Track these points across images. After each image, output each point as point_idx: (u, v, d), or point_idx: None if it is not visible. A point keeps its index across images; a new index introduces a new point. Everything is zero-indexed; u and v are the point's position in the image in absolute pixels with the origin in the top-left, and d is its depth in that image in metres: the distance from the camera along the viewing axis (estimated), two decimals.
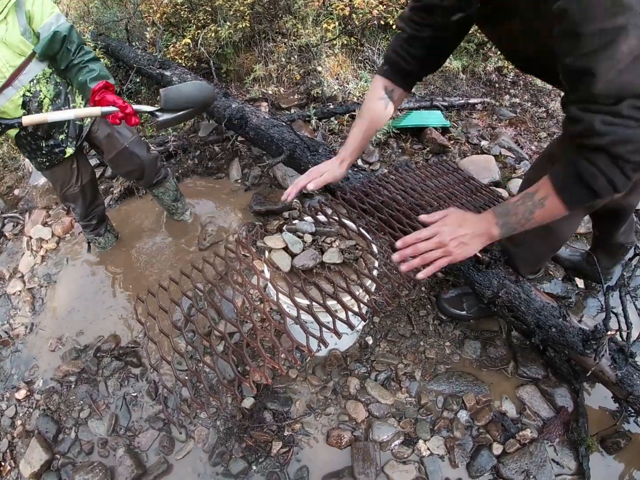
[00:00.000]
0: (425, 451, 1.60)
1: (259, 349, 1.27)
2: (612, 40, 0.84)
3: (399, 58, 1.36)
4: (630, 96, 0.90)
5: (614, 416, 1.66)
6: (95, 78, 1.77)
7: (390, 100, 1.41)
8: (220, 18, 3.49)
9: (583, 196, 1.06)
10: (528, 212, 1.12)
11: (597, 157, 0.99)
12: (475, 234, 1.16)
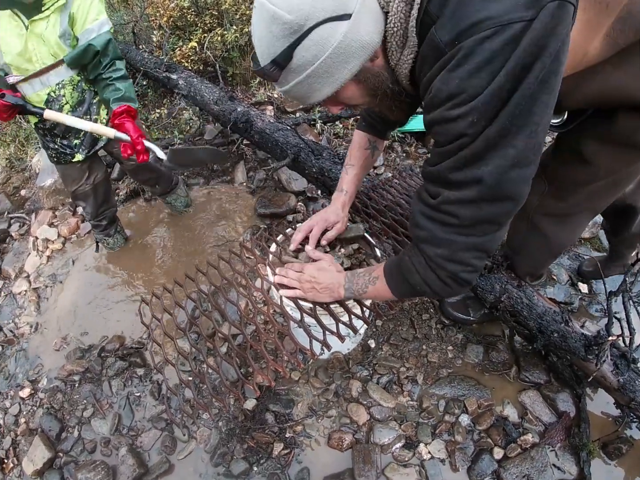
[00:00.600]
0: (426, 455, 1.61)
1: (262, 351, 1.28)
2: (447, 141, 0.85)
3: (371, 119, 1.45)
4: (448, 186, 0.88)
5: (616, 422, 1.66)
6: (118, 99, 1.81)
7: (375, 149, 1.51)
8: (227, 22, 3.51)
9: (405, 288, 1.11)
10: (364, 285, 1.23)
11: (414, 254, 1.02)
12: (325, 287, 1.31)
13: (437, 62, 0.80)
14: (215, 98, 2.84)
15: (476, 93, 0.76)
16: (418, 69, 0.88)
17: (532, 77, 0.74)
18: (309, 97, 0.92)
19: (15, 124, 3.67)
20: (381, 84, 0.93)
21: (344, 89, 0.90)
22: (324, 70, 0.84)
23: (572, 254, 2.27)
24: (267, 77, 0.88)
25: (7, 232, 2.87)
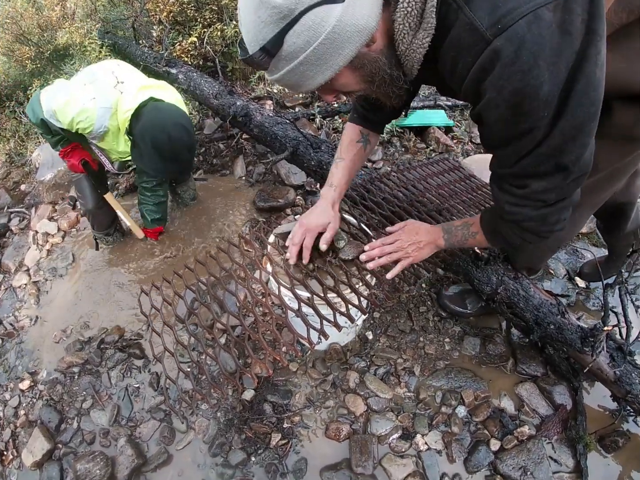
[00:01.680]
0: (423, 445, 1.61)
1: (261, 341, 1.29)
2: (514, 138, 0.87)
3: (364, 110, 1.42)
4: (534, 178, 0.93)
5: (613, 415, 1.66)
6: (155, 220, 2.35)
7: (367, 143, 1.47)
8: (226, 17, 3.52)
9: (504, 243, 1.19)
10: (464, 238, 1.29)
11: (509, 222, 1.08)
12: (427, 241, 1.35)
13: (477, 48, 0.76)
14: (214, 92, 2.85)
15: (539, 83, 0.75)
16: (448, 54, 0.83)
17: (591, 64, 0.74)
18: (301, 85, 0.88)
19: (15, 119, 3.68)
20: (379, 69, 0.89)
21: (339, 76, 0.86)
22: (317, 57, 0.80)
23: (569, 249, 2.28)
24: (256, 65, 0.84)
25: (7, 227, 2.88)
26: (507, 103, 0.79)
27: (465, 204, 1.88)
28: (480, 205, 1.90)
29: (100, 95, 1.83)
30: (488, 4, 0.74)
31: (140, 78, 1.99)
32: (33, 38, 3.86)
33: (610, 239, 1.99)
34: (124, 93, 1.85)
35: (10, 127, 3.70)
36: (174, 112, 1.82)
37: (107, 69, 1.95)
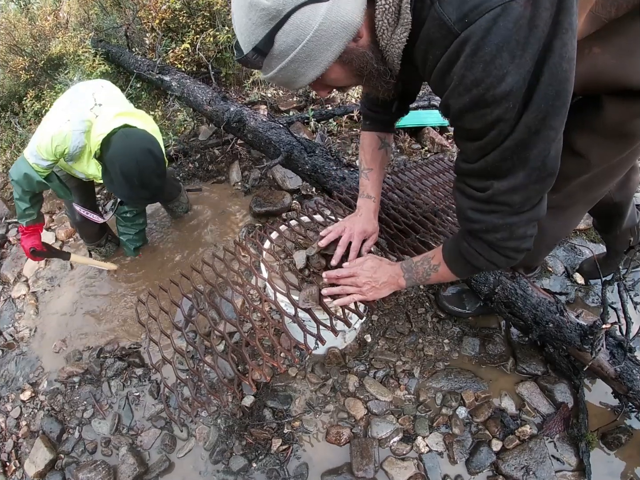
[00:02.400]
0: (424, 448, 1.61)
1: (259, 347, 1.29)
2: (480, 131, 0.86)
3: (373, 113, 1.44)
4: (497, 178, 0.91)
5: (615, 412, 1.66)
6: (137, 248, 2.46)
7: (387, 146, 1.49)
8: (219, 23, 3.53)
9: (469, 270, 1.16)
10: (426, 274, 1.26)
11: (473, 240, 1.06)
12: (385, 281, 1.33)
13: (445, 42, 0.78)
14: (208, 98, 2.85)
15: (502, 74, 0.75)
16: (419, 48, 0.86)
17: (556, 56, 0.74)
18: (294, 82, 0.91)
19: (10, 130, 3.69)
20: (366, 63, 0.91)
21: (329, 71, 0.89)
22: (307, 54, 0.83)
23: (567, 246, 2.27)
24: (250, 65, 0.87)
25: (5, 238, 2.88)
26: (469, 93, 0.80)
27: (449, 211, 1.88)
28: None
29: (75, 116, 1.85)
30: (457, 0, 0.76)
31: (120, 104, 2.00)
32: (27, 48, 3.88)
33: (607, 237, 1.99)
34: (99, 117, 1.86)
35: (6, 137, 3.70)
36: (142, 139, 1.81)
37: (89, 90, 1.96)
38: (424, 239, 1.62)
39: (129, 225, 2.37)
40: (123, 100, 2.08)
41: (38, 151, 1.85)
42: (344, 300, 1.34)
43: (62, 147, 1.84)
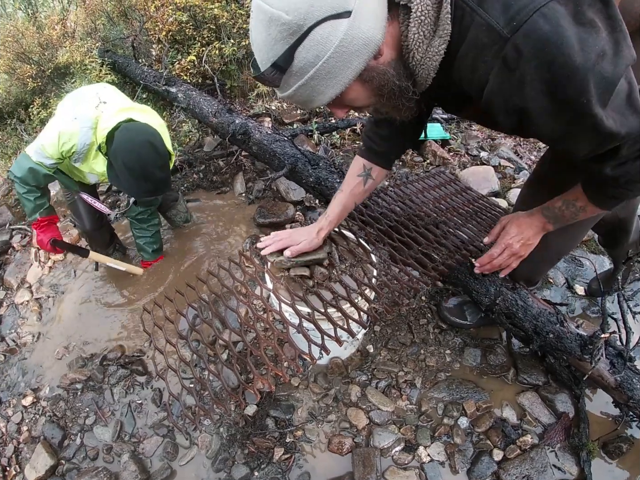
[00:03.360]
0: (426, 457, 1.62)
1: (263, 357, 1.30)
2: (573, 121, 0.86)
3: (371, 141, 1.43)
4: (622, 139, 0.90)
5: (616, 421, 1.68)
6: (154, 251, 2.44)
7: (369, 178, 1.48)
8: (224, 35, 3.58)
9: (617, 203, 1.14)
10: (574, 215, 1.23)
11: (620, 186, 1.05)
12: (534, 233, 1.35)
13: (495, 47, 0.78)
14: (213, 110, 2.89)
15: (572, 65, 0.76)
16: (466, 56, 0.84)
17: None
18: (312, 100, 0.89)
19: (16, 137, 3.72)
20: (387, 81, 0.89)
21: (349, 90, 0.87)
22: (327, 71, 0.82)
23: (568, 257, 2.30)
24: (267, 82, 0.86)
25: (9, 244, 2.90)
26: (544, 90, 0.80)
27: (462, 217, 1.91)
28: (477, 217, 1.93)
29: (81, 115, 1.89)
30: (499, 4, 0.77)
31: (124, 101, 2.04)
32: (34, 56, 3.92)
33: (614, 253, 2.00)
34: (104, 112, 1.90)
35: (11, 144, 3.74)
36: (143, 132, 1.85)
37: (92, 91, 2.01)
38: (426, 250, 1.65)
39: (144, 227, 2.36)
40: (125, 98, 2.11)
41: (43, 149, 1.88)
42: (508, 270, 1.46)
43: (68, 144, 1.87)
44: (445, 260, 1.59)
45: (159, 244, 2.46)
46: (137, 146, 1.80)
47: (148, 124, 1.89)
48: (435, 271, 1.54)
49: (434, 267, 1.55)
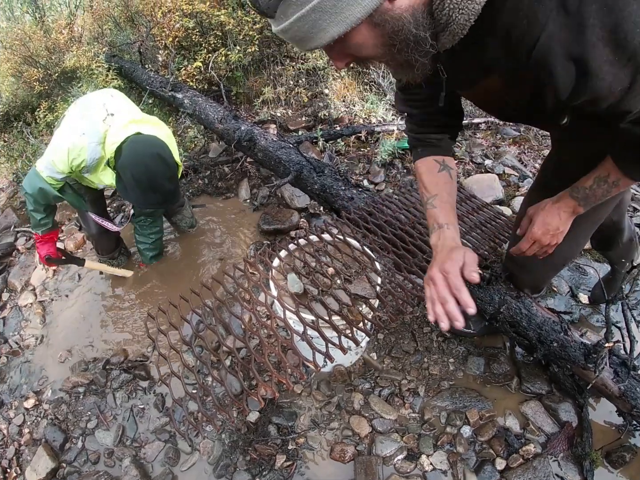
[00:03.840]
0: (428, 466, 1.61)
1: (267, 363, 1.30)
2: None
3: (425, 137, 1.30)
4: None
5: (619, 430, 1.66)
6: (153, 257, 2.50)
7: (450, 169, 1.30)
8: (230, 42, 3.61)
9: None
10: (606, 192, 1.14)
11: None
12: (564, 220, 1.25)
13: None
14: (219, 117, 2.91)
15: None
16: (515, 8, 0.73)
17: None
18: (311, 38, 0.77)
19: (22, 140, 3.75)
20: (401, 28, 0.76)
21: (355, 32, 0.75)
22: (333, 4, 0.70)
23: (572, 265, 2.30)
24: (262, 9, 0.74)
25: (14, 246, 2.92)
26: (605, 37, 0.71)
27: (466, 225, 1.91)
28: (482, 226, 1.93)
29: (90, 129, 1.90)
30: None
31: (132, 112, 2.04)
32: (41, 60, 3.96)
33: (610, 254, 2.00)
34: (112, 126, 1.90)
35: (17, 147, 3.76)
36: (151, 144, 1.85)
37: (99, 101, 2.01)
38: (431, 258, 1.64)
39: (145, 234, 2.40)
40: (133, 107, 2.12)
41: (53, 165, 1.90)
42: (545, 255, 1.36)
43: (78, 160, 1.89)
44: None
45: (157, 251, 2.49)
46: (145, 158, 1.81)
47: (156, 136, 1.90)
48: None
49: None
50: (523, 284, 1.73)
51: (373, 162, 3.05)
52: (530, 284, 1.75)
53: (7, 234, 3.01)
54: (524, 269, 1.67)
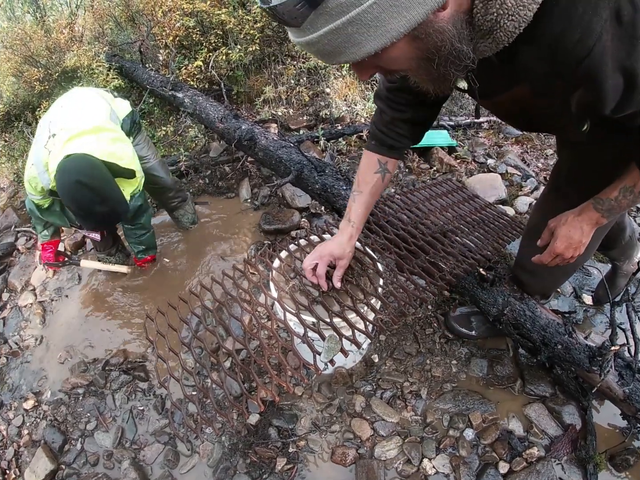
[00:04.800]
0: (431, 469, 1.59)
1: (266, 366, 1.28)
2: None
3: (385, 136, 1.34)
4: None
5: (623, 433, 1.65)
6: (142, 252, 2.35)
7: (386, 172, 1.40)
8: (231, 41, 3.59)
9: None
10: (631, 202, 1.12)
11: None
12: (587, 232, 1.22)
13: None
14: (220, 116, 2.89)
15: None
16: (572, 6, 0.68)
17: None
18: (342, 52, 0.68)
19: (23, 139, 3.74)
20: (444, 42, 0.70)
21: (393, 46, 0.67)
22: (375, 16, 0.62)
23: None
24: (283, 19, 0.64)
25: (14, 246, 2.90)
26: None
27: (469, 225, 1.90)
28: (485, 226, 1.91)
29: (36, 158, 1.88)
30: None
31: (78, 121, 1.88)
32: (42, 60, 3.95)
33: (612, 253, 1.98)
34: (52, 152, 1.82)
35: (18, 146, 3.76)
36: (74, 171, 1.73)
37: (47, 119, 1.95)
38: (434, 259, 1.63)
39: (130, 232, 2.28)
40: (84, 113, 1.95)
41: (28, 189, 1.98)
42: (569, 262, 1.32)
43: (39, 187, 1.94)
44: (453, 270, 1.58)
45: (145, 247, 2.35)
46: (68, 189, 1.74)
47: (85, 154, 1.76)
48: (443, 280, 1.52)
49: (441, 277, 1.53)
50: (533, 290, 1.71)
51: None
52: (541, 290, 1.73)
53: (7, 233, 3.00)
54: (535, 276, 1.65)
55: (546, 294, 1.82)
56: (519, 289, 1.71)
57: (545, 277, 1.65)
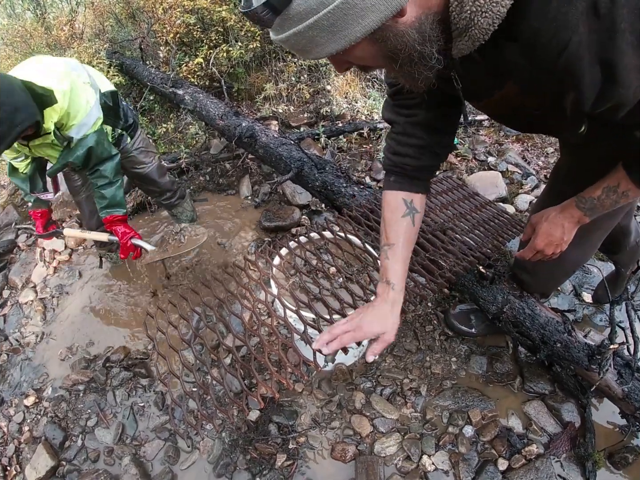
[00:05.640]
0: (430, 466, 1.60)
1: (267, 362, 1.28)
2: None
3: (403, 163, 1.19)
4: None
5: (622, 432, 1.66)
6: (104, 207, 2.02)
7: (414, 212, 1.19)
8: (232, 38, 3.58)
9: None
10: (614, 202, 1.11)
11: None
12: (568, 230, 1.23)
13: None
14: (220, 113, 2.88)
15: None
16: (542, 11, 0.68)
17: None
18: (309, 52, 0.75)
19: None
20: (405, 45, 0.73)
21: (355, 47, 0.73)
22: (331, 23, 0.67)
23: None
24: (257, 21, 0.71)
25: (15, 243, 2.91)
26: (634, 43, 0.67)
27: (469, 223, 1.90)
28: (485, 224, 1.91)
29: None
30: None
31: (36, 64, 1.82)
32: None
33: (616, 257, 1.98)
34: None
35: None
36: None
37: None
38: (433, 257, 1.63)
39: (89, 177, 2.05)
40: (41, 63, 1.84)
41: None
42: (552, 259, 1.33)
43: None
44: (453, 267, 1.58)
45: (107, 201, 2.03)
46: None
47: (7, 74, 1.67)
48: (442, 278, 1.52)
49: (441, 274, 1.53)
50: (533, 289, 1.71)
51: (375, 159, 3.03)
52: (541, 289, 1.73)
53: (8, 231, 3.00)
54: (535, 275, 1.65)
55: (546, 293, 1.82)
56: (519, 287, 1.71)
57: (545, 277, 1.65)
